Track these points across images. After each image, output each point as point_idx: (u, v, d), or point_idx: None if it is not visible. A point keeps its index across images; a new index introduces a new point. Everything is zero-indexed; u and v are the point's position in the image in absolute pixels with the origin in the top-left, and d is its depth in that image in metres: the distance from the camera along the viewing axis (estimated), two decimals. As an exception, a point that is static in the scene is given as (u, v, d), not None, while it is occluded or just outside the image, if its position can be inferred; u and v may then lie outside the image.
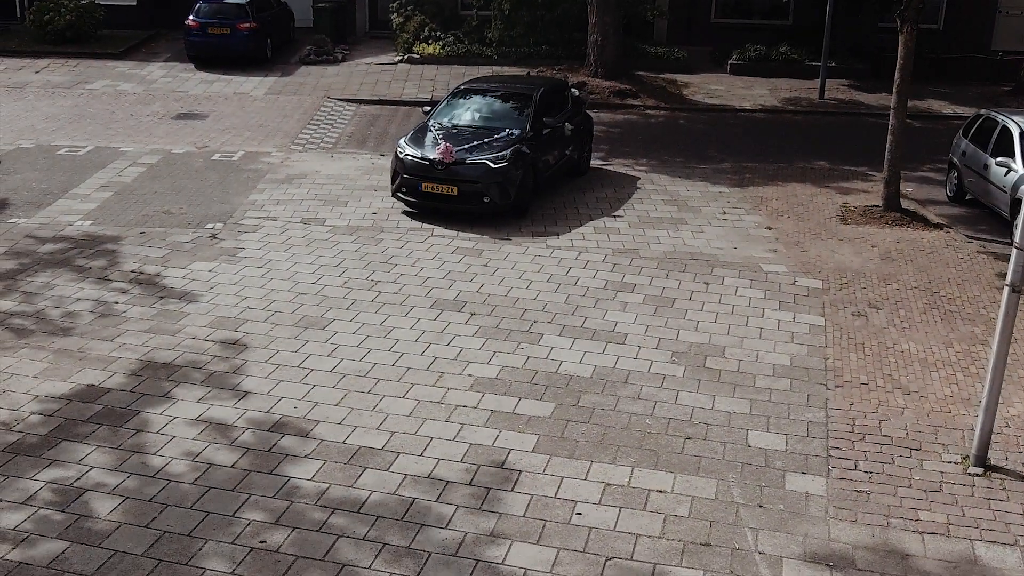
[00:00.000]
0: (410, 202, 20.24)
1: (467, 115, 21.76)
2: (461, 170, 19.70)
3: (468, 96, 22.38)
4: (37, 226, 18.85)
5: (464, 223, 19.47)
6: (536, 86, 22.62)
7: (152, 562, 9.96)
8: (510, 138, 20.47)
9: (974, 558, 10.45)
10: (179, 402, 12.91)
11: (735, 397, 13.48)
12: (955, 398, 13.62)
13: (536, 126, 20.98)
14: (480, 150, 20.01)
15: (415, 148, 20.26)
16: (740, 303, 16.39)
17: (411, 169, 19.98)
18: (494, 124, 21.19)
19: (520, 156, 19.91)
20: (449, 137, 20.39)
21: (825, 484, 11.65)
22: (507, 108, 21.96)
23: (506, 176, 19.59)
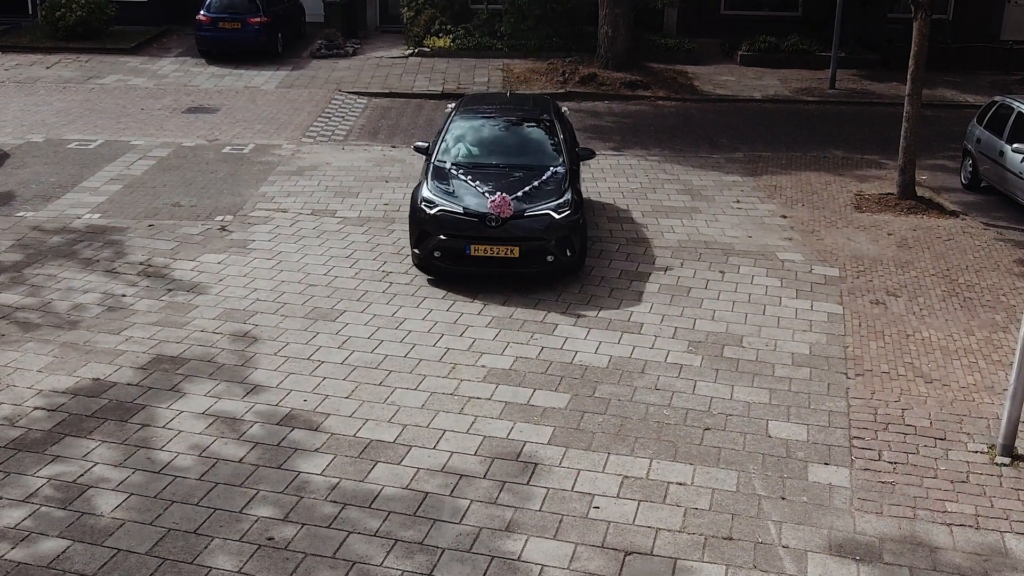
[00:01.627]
0: (450, 269, 16.16)
1: (485, 148, 17.89)
2: (520, 225, 15.85)
3: (474, 124, 18.44)
4: (45, 219, 18.63)
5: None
6: (542, 106, 19.56)
7: (156, 560, 9.71)
8: (556, 176, 16.88)
9: (1005, 550, 10.18)
10: (187, 396, 12.65)
11: (754, 387, 13.19)
12: (978, 386, 13.31)
13: (572, 156, 17.75)
14: (535, 197, 16.25)
15: (448, 198, 16.19)
16: (757, 292, 16.10)
17: (451, 228, 15.81)
18: (525, 159, 17.55)
19: (579, 199, 16.67)
20: (482, 179, 16.62)
21: (849, 475, 11.37)
22: (530, 137, 18.42)
23: (572, 227, 16.06)
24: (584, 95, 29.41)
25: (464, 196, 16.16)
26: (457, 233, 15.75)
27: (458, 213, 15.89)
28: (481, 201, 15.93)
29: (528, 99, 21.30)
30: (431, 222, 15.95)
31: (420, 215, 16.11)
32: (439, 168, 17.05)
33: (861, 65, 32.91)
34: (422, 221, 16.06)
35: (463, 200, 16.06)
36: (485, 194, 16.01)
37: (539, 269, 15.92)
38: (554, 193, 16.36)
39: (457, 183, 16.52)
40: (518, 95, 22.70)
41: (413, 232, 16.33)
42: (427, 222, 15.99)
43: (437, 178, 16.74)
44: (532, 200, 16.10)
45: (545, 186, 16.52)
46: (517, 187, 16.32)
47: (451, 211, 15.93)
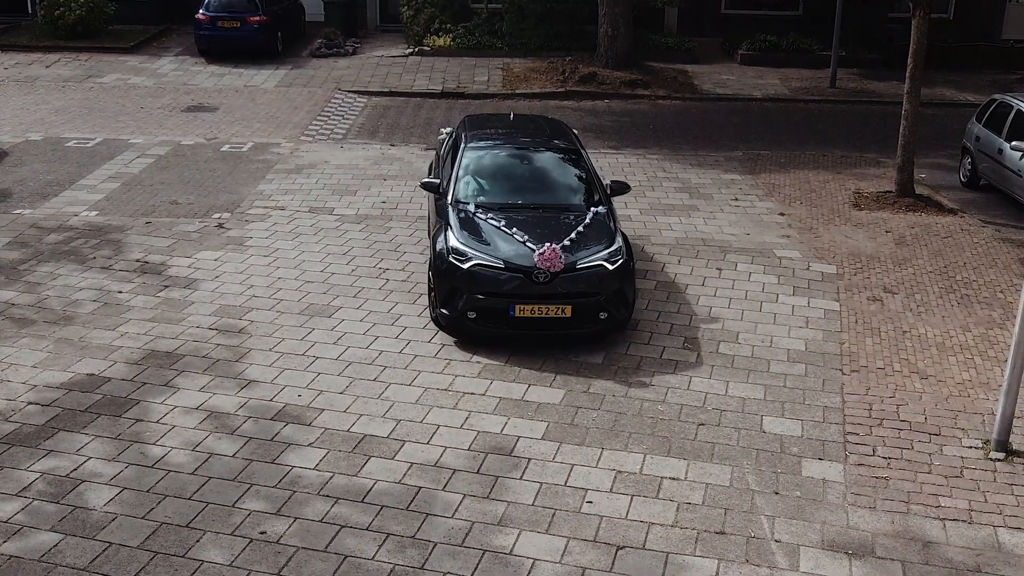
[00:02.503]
0: (488, 333, 14.08)
1: (511, 186, 15.73)
2: (572, 279, 13.82)
3: (491, 155, 16.32)
4: (42, 217, 18.62)
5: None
6: (559, 131, 17.81)
7: (148, 554, 9.70)
8: (600, 218, 15.02)
9: (998, 544, 10.17)
10: (180, 391, 12.64)
11: (749, 383, 13.18)
12: (974, 382, 13.29)
13: (606, 191, 15.94)
14: (583, 245, 14.26)
15: (483, 249, 14.06)
16: (753, 289, 16.08)
17: (490, 285, 13.72)
18: (560, 197, 15.64)
19: (628, 246, 14.70)
20: (518, 224, 14.61)
21: (843, 470, 11.36)
22: (559, 170, 16.28)
23: (624, 278, 14.14)
24: (584, 94, 29.43)
25: (501, 246, 14.04)
26: (498, 292, 13.66)
27: (498, 268, 13.77)
28: (523, 252, 13.87)
29: (536, 122, 19.36)
30: (465, 279, 13.73)
31: (450, 270, 13.86)
32: (462, 211, 14.84)
33: (861, 64, 32.90)
34: (453, 277, 13.83)
35: (501, 251, 13.92)
36: (527, 243, 13.97)
37: (592, 329, 13.94)
38: (603, 239, 14.45)
39: (489, 230, 14.41)
40: (523, 117, 20.25)
41: (441, 289, 14.02)
42: (460, 278, 13.76)
43: (464, 224, 14.56)
44: (581, 249, 14.09)
45: (591, 231, 14.56)
46: (561, 234, 14.28)
47: (490, 265, 13.80)
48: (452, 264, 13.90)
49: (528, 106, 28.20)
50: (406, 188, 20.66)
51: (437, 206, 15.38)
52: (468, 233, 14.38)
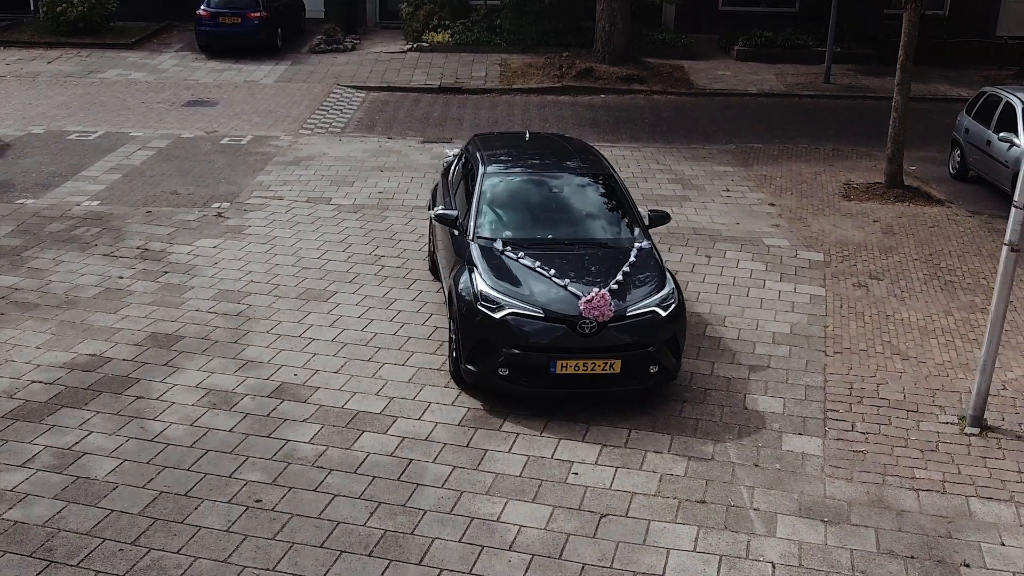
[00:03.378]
0: (525, 392, 12.34)
1: (541, 218, 13.93)
2: (622, 330, 12.10)
3: (514, 182, 14.40)
4: (45, 206, 18.97)
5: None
6: (582, 149, 16.03)
7: (148, 520, 10.03)
8: (645, 255, 13.18)
9: (969, 512, 10.50)
10: (180, 371, 13.00)
11: (734, 363, 13.52)
12: (953, 363, 13.64)
13: (645, 223, 14.12)
14: (632, 288, 12.53)
15: (517, 295, 12.28)
16: (741, 275, 16.42)
17: (528, 338, 11.97)
18: (598, 231, 13.85)
19: (678, 286, 12.99)
20: (554, 264, 12.76)
21: (822, 444, 11.69)
22: (592, 199, 14.41)
23: (677, 325, 12.53)
24: (580, 89, 29.78)
25: (539, 291, 12.20)
26: (537, 345, 11.89)
27: (537, 317, 11.94)
28: (565, 298, 12.07)
29: (556, 141, 17.24)
30: (498, 330, 11.95)
31: (479, 320, 12.05)
32: (488, 249, 12.94)
33: (857, 60, 33.28)
34: (483, 328, 12.02)
35: (540, 297, 12.10)
36: (568, 287, 12.17)
37: (642, 386, 12.30)
38: (652, 279, 12.72)
39: (522, 271, 12.54)
40: (540, 136, 18.15)
41: (466, 341, 12.21)
42: (491, 330, 11.98)
43: (492, 265, 12.67)
44: (630, 293, 12.36)
45: (638, 271, 12.78)
46: (605, 275, 12.53)
47: (527, 315, 11.96)
48: (482, 313, 12.03)
49: (525, 101, 28.59)
50: (402, 179, 21.03)
51: (455, 242, 13.43)
52: (498, 276, 12.43)
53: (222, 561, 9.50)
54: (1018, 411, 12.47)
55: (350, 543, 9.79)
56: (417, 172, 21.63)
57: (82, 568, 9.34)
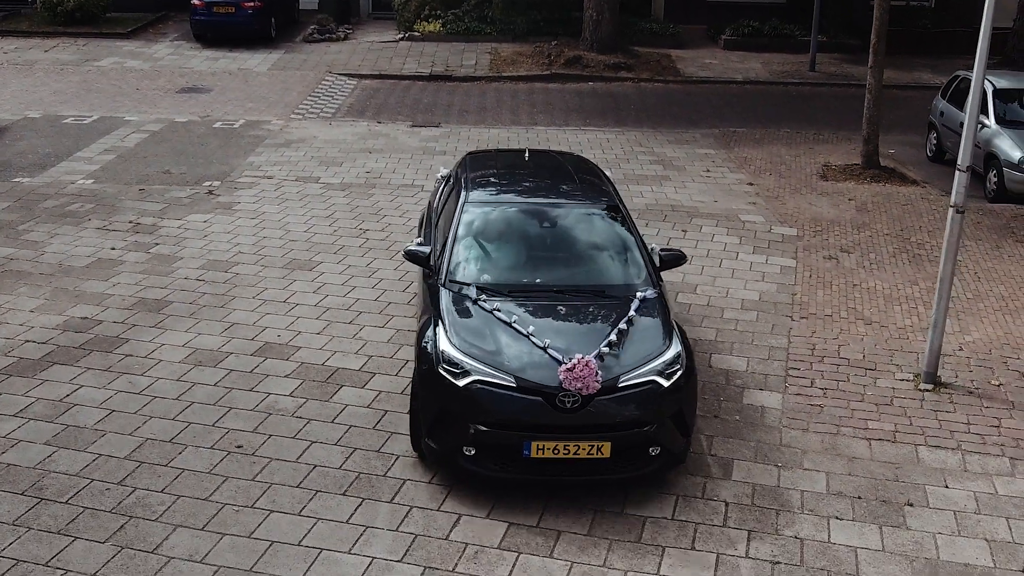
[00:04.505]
0: (493, 477, 10.14)
1: (527, 258, 11.71)
2: (612, 404, 9.91)
3: (500, 213, 12.17)
4: (40, 184, 19.49)
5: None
6: (587, 172, 13.78)
7: (134, 463, 10.55)
8: (649, 306, 10.94)
9: (917, 459, 11.01)
10: (168, 332, 13.53)
11: (702, 327, 14.03)
12: (915, 327, 14.16)
13: (655, 264, 11.88)
14: (628, 350, 10.31)
15: (486, 358, 10.11)
16: (715, 248, 16.95)
17: (496, 413, 9.82)
18: (593, 275, 11.58)
19: (688, 345, 10.83)
20: (535, 317, 10.65)
21: (781, 399, 12.21)
22: (592, 235, 12.03)
23: (685, 396, 10.33)
24: (568, 76, 30.29)
25: (513, 354, 10.03)
26: (507, 422, 9.75)
27: (507, 387, 9.76)
28: (542, 363, 9.89)
29: (559, 162, 14.47)
30: (461, 401, 9.84)
31: (440, 386, 10.00)
32: (459, 297, 10.85)
33: (842, 50, 33.83)
34: (444, 396, 9.96)
35: (513, 361, 9.94)
36: (549, 350, 9.95)
37: (638, 472, 10.14)
38: (655, 338, 10.47)
39: (495, 327, 10.34)
40: (542, 154, 15.62)
41: (427, 411, 10.19)
42: (454, 399, 9.88)
43: (461, 318, 10.59)
44: (625, 356, 10.15)
45: (638, 327, 10.54)
46: (596, 333, 10.34)
47: (496, 383, 9.80)
48: (442, 378, 9.93)
49: (514, 88, 29.11)
50: (390, 160, 21.58)
51: (427, 286, 11.38)
52: (467, 332, 10.32)
53: (203, 499, 10.01)
54: (972, 370, 12.98)
55: (325, 484, 10.31)
56: (405, 154, 22.14)
57: (71, 504, 9.85)
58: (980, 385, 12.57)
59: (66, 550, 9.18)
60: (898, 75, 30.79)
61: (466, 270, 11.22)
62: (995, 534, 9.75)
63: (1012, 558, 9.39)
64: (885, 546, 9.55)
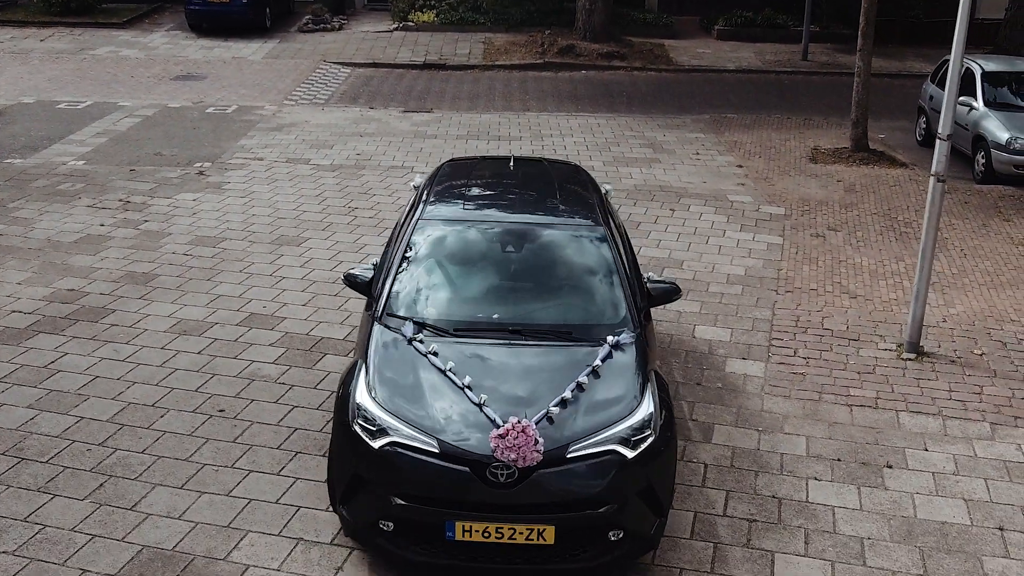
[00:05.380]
0: (411, 558, 8.24)
1: (482, 291, 9.74)
2: (557, 480, 7.96)
3: (461, 232, 10.21)
4: (32, 165, 19.54)
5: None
6: (577, 186, 11.65)
7: (116, 426, 10.60)
8: (623, 353, 8.94)
9: (897, 423, 11.05)
10: (154, 303, 13.59)
11: (687, 300, 14.07)
12: (899, 301, 14.21)
13: (641, 299, 9.84)
14: (585, 411, 8.32)
15: (409, 414, 8.27)
16: (703, 226, 16.99)
17: (415, 484, 8.02)
18: (561, 312, 9.56)
19: (668, 402, 8.94)
20: (477, 365, 8.67)
21: (764, 367, 12.25)
22: (565, 262, 9.99)
23: (656, 468, 8.32)
24: (561, 65, 30.34)
25: (440, 411, 8.20)
26: (427, 496, 7.95)
27: (429, 453, 7.94)
28: (475, 424, 8.04)
29: (547, 174, 12.37)
30: (376, 466, 8.07)
31: (353, 447, 8.22)
32: (393, 335, 9.02)
33: (835, 39, 33.90)
34: (357, 459, 8.20)
35: (437, 421, 8.11)
36: (484, 407, 8.10)
37: (595, 562, 8.12)
38: (622, 395, 8.49)
39: (427, 376, 8.52)
40: (530, 163, 13.18)
41: (339, 473, 8.44)
42: (367, 464, 8.11)
43: (388, 361, 8.76)
44: (580, 419, 8.18)
45: (604, 380, 8.57)
46: (550, 387, 8.35)
47: (416, 447, 7.98)
48: (357, 437, 8.15)
49: (507, 76, 29.16)
50: (381, 143, 21.65)
51: (365, 319, 9.68)
52: (392, 380, 8.51)
53: (184, 460, 10.06)
54: (955, 341, 13.02)
55: (305, 445, 10.36)
56: (396, 137, 22.21)
57: (51, 464, 9.89)
58: (963, 355, 12.60)
59: (45, 507, 9.21)
60: (889, 64, 30.89)
61: (407, 302, 9.33)
62: (973, 494, 9.78)
63: (989, 516, 9.42)
64: (863, 505, 9.57)
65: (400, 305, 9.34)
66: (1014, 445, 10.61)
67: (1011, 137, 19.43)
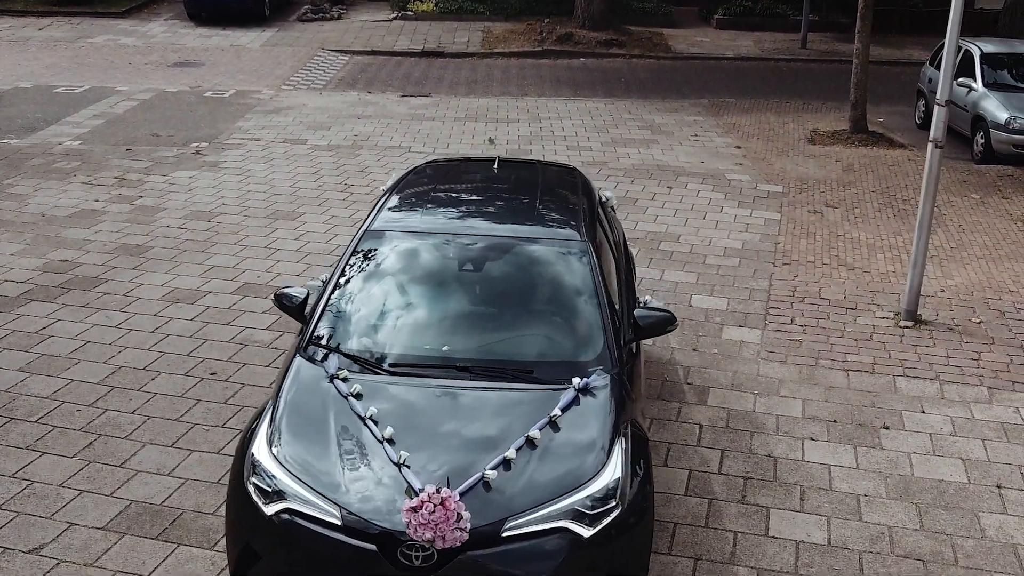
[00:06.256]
0: None
1: (430, 320, 7.92)
2: (486, 563, 6.18)
3: (406, 253, 8.39)
4: (28, 145, 19.46)
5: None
6: (566, 190, 9.90)
7: (106, 388, 10.53)
8: (590, 399, 7.10)
9: (894, 387, 10.95)
10: (148, 273, 13.52)
11: (684, 271, 14.01)
12: (897, 273, 14.13)
13: (625, 337, 8.06)
14: (534, 473, 6.53)
15: (311, 475, 6.57)
16: (700, 202, 16.91)
17: (315, 563, 6.35)
18: (518, 348, 7.72)
19: (645, 469, 6.96)
20: (403, 415, 6.91)
21: (760, 334, 12.16)
22: (533, 287, 8.25)
23: (622, 549, 6.49)
24: (560, 53, 30.27)
25: (349, 471, 6.59)
26: None
27: (330, 526, 6.37)
28: (391, 489, 6.45)
29: (533, 179, 10.27)
30: (268, 536, 6.55)
31: (244, 510, 6.69)
32: (313, 371, 7.42)
33: (835, 28, 33.85)
34: (247, 524, 6.67)
35: (347, 483, 6.51)
36: (405, 467, 6.50)
37: None
38: (582, 455, 6.73)
39: (343, 423, 6.91)
40: (517, 166, 11.36)
41: (233, 542, 6.89)
42: (258, 532, 6.59)
43: (299, 406, 7.14)
44: (523, 486, 6.49)
45: (563, 434, 6.84)
46: (493, 443, 6.69)
47: (314, 518, 6.43)
48: (248, 498, 6.59)
49: (505, 64, 29.10)
50: (379, 125, 21.60)
51: (288, 358, 7.86)
52: (300, 429, 6.88)
53: (174, 420, 9.99)
54: (953, 310, 12.95)
55: (298, 406, 10.20)
56: (394, 119, 22.15)
57: (40, 423, 9.81)
58: (961, 323, 12.54)
59: (33, 463, 9.14)
60: (889, 52, 30.84)
61: (338, 329, 7.73)
62: (970, 454, 9.69)
63: (987, 475, 9.34)
64: (859, 464, 9.49)
65: (329, 332, 7.71)
66: (1012, 408, 10.51)
67: (1010, 117, 19.36)
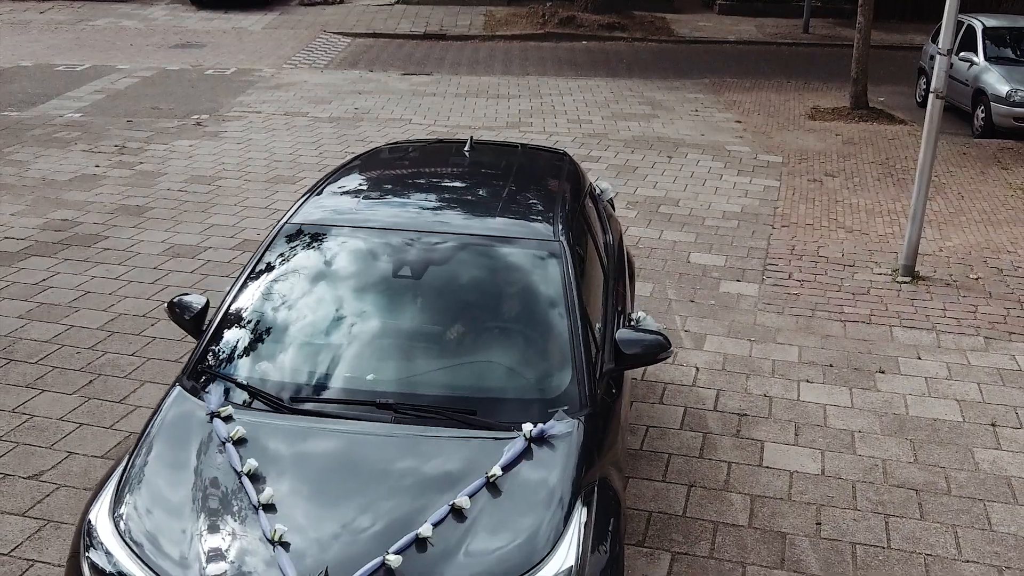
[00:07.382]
0: None
1: (350, 345, 5.88)
2: None
3: (331, 253, 6.43)
4: (29, 117, 19.51)
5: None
6: (547, 180, 8.03)
7: (106, 333, 10.58)
8: (545, 447, 5.16)
9: (891, 336, 10.98)
10: (148, 231, 13.57)
11: (682, 231, 14.04)
12: (895, 235, 14.16)
13: (603, 367, 5.93)
14: (459, 552, 4.59)
15: (156, 551, 4.68)
16: (700, 171, 16.96)
17: None
18: (461, 378, 5.74)
19: (613, 547, 4.91)
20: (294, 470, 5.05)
21: (758, 288, 12.20)
22: (480, 299, 6.22)
23: None
24: (562, 36, 30.33)
25: (212, 545, 4.71)
26: None
27: None
28: (259, 571, 4.56)
29: (508, 165, 8.12)
30: None
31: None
32: (188, 407, 5.59)
33: (837, 14, 33.94)
34: None
35: (200, 564, 4.62)
36: (279, 548, 4.62)
37: None
38: (524, 532, 4.76)
39: (213, 478, 5.09)
40: (493, 149, 9.19)
41: None
42: None
43: (164, 450, 5.32)
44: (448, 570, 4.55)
45: (505, 499, 4.93)
46: (403, 515, 4.80)
47: None
48: (82, 568, 4.86)
49: (507, 47, 29.16)
50: (380, 99, 21.65)
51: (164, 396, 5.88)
52: (156, 486, 5.15)
53: (174, 361, 10.02)
54: (951, 267, 12.98)
55: (296, 349, 10.24)
56: (395, 95, 22.22)
57: (40, 364, 9.86)
58: (958, 279, 12.57)
59: (33, 400, 9.17)
60: (891, 37, 30.93)
61: (234, 351, 5.98)
62: (965, 395, 9.73)
63: (982, 414, 9.37)
64: (854, 404, 9.52)
65: (221, 357, 5.92)
66: (1008, 355, 10.55)
67: (1011, 89, 19.38)
